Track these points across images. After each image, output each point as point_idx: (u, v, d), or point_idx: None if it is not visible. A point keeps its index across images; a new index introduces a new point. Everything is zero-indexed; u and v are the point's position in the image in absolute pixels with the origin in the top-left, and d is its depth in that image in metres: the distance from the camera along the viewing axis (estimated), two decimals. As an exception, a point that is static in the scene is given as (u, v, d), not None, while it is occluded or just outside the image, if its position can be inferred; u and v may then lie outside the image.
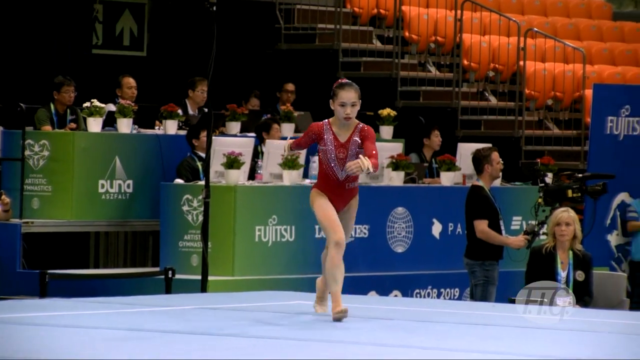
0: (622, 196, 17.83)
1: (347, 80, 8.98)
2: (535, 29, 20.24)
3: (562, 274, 13.07)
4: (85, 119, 14.66)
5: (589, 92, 18.95)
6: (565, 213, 13.25)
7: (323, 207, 8.57)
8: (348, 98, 8.36)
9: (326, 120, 8.53)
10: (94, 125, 14.56)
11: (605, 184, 16.06)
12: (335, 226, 8.48)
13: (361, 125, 8.44)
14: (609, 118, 17.84)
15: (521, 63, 19.76)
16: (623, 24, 22.23)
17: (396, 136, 16.45)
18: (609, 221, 17.75)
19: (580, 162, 18.78)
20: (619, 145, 18.02)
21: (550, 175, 16.19)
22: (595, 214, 16.33)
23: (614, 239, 17.81)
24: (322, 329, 9.93)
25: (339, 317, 8.65)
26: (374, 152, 8.47)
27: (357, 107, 8.43)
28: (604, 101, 18.18)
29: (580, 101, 20.00)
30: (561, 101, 20.16)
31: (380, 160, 14.81)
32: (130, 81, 15.58)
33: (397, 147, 15.68)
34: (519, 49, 19.70)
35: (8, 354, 7.72)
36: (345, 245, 8.87)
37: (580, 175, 15.99)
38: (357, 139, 8.39)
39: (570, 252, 13.28)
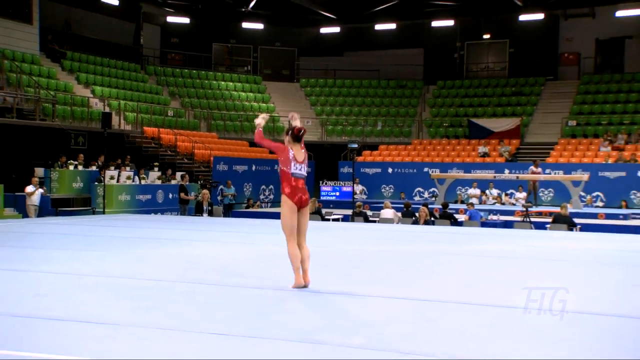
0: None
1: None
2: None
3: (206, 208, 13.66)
4: (68, 166, 15.22)
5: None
6: (206, 189, 14.55)
7: (287, 217, 5.89)
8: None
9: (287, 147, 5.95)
10: (71, 167, 15.35)
11: (218, 182, 16.85)
12: (290, 234, 5.88)
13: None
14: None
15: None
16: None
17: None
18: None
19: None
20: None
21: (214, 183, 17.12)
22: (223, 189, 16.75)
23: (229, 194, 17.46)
24: (140, 225, 10.07)
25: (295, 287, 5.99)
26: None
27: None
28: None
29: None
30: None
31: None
32: (81, 156, 15.91)
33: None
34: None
35: (37, 244, 7.84)
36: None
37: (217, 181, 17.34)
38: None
39: (207, 202, 13.88)
